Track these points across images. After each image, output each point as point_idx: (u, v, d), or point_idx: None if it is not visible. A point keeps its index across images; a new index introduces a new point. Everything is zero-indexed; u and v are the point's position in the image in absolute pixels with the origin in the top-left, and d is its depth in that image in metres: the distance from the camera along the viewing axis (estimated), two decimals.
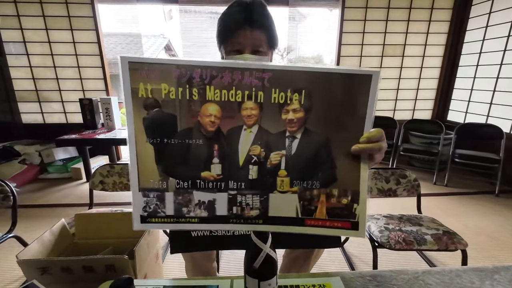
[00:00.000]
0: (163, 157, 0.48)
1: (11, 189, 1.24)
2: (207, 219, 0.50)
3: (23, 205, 2.06)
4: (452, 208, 2.11)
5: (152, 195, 0.49)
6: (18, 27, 2.77)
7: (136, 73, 0.44)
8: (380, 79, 0.47)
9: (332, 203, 0.50)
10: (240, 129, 0.47)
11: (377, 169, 1.37)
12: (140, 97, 0.45)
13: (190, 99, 0.45)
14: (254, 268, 0.49)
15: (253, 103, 0.46)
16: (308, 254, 0.91)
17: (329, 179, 0.49)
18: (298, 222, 0.50)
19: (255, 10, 0.72)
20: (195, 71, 0.44)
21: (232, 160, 0.48)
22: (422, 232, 1.15)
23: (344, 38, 3.01)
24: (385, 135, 0.51)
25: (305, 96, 0.45)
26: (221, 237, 0.79)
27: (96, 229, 1.07)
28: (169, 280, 0.66)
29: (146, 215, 0.50)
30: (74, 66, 2.93)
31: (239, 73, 0.44)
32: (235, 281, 0.64)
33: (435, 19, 2.97)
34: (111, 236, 1.08)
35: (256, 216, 0.50)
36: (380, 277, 0.69)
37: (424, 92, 3.23)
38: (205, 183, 0.49)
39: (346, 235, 0.51)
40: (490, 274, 0.71)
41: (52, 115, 3.06)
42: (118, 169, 1.40)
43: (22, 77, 2.90)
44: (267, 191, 0.49)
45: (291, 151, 0.48)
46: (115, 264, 0.80)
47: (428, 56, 3.10)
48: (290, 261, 0.95)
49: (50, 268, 0.81)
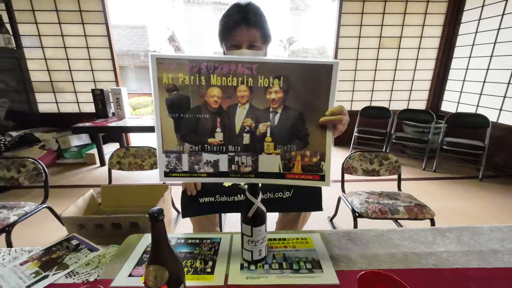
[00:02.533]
0: (180, 127, 0.64)
1: (43, 167, 1.44)
2: (213, 174, 0.67)
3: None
4: (436, 191, 2.28)
5: (172, 156, 0.66)
6: (33, 21, 2.93)
7: (161, 66, 0.61)
8: (339, 70, 0.62)
9: (306, 161, 0.66)
10: (236, 106, 0.63)
11: (362, 152, 1.53)
12: (164, 83, 0.62)
13: (199, 84, 0.62)
14: (248, 217, 0.65)
15: (245, 86, 0.62)
16: (296, 218, 1.08)
17: (303, 144, 0.65)
18: (280, 176, 0.67)
19: (250, 11, 0.87)
20: (203, 64, 0.60)
21: (230, 129, 0.64)
22: (397, 204, 1.32)
23: (342, 31, 3.12)
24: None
25: (283, 81, 0.61)
26: (224, 202, 0.97)
27: (118, 199, 1.27)
28: (182, 234, 0.82)
29: (168, 171, 0.67)
30: (86, 58, 3.11)
31: (234, 65, 0.60)
32: (234, 235, 0.79)
33: (431, 12, 3.07)
34: (130, 205, 1.27)
35: (249, 171, 0.67)
36: (353, 233, 0.82)
37: (419, 83, 3.35)
38: (211, 147, 0.65)
39: (315, 185, 0.67)
40: (443, 232, 0.82)
41: (65, 104, 3.26)
42: (133, 151, 1.59)
43: (38, 69, 3.09)
44: (257, 153, 0.66)
45: (274, 123, 0.64)
46: (138, 221, 1.00)
47: (424, 48, 3.20)
48: (282, 226, 1.13)
49: (86, 225, 1.00)
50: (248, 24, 0.86)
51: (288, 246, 0.76)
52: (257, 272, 0.65)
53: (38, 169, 1.42)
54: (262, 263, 0.68)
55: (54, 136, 2.86)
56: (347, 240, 0.79)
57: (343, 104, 3.35)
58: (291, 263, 0.68)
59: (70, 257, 0.71)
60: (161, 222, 0.48)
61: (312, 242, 0.78)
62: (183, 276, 0.51)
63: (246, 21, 0.86)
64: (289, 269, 0.66)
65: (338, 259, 0.70)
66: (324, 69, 0.61)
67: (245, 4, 0.89)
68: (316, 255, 0.71)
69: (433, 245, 0.77)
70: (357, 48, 3.19)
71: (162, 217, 0.48)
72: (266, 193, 0.95)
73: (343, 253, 0.73)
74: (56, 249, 0.74)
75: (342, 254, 0.72)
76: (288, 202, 0.98)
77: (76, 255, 0.72)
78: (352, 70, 3.28)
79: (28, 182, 1.43)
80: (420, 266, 0.68)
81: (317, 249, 0.74)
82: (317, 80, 0.61)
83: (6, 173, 1.42)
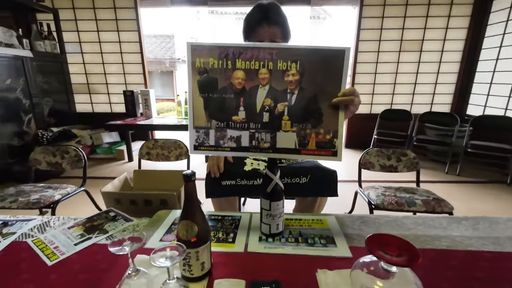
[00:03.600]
0: (208, 106, 0.74)
1: (83, 154, 1.60)
2: (235, 148, 0.75)
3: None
4: (459, 194, 2.21)
5: (201, 131, 0.75)
6: (75, 29, 3.26)
7: (194, 52, 0.71)
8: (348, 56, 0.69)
9: (320, 138, 0.72)
10: (257, 87, 0.71)
11: (380, 149, 1.55)
12: (197, 67, 0.72)
13: (226, 68, 0.71)
14: (267, 192, 0.72)
15: (266, 70, 0.70)
16: (312, 204, 1.13)
17: (317, 122, 0.72)
18: (296, 151, 0.74)
19: (270, 11, 0.97)
20: (230, 50, 0.70)
21: (252, 108, 0.73)
22: (414, 198, 1.33)
23: (362, 35, 3.16)
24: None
25: (300, 65, 0.69)
26: (244, 186, 1.05)
27: (148, 182, 1.39)
28: (206, 212, 0.89)
29: (197, 144, 0.76)
30: (119, 62, 3.38)
31: (257, 50, 0.69)
32: (253, 214, 0.87)
33: (454, 15, 3.03)
34: (159, 188, 1.39)
35: (268, 147, 0.74)
36: (366, 217, 0.84)
37: (442, 87, 3.28)
38: (235, 124, 0.74)
39: (328, 159, 0.73)
40: (459, 220, 0.81)
41: (99, 105, 3.54)
42: (161, 143, 1.72)
43: (77, 72, 3.40)
44: (275, 130, 0.73)
45: (291, 103, 0.72)
46: (167, 199, 1.10)
47: (447, 51, 3.15)
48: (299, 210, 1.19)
49: (122, 200, 1.12)
50: (269, 23, 0.95)
51: (304, 225, 0.81)
52: (274, 244, 0.71)
53: (79, 156, 1.59)
54: (279, 237, 0.74)
55: (88, 133, 3.12)
56: (361, 223, 0.82)
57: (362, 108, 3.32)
58: (306, 238, 0.73)
59: (109, 224, 0.82)
60: (193, 182, 0.56)
61: (327, 223, 0.82)
62: (209, 235, 0.58)
63: (267, 19, 0.95)
64: (304, 243, 0.71)
65: (351, 237, 0.74)
66: (337, 54, 0.67)
67: (267, 4, 0.99)
68: (330, 233, 0.76)
69: (447, 230, 0.77)
70: (377, 51, 3.20)
71: (194, 178, 0.56)
72: (283, 178, 1.00)
73: (356, 232, 0.76)
74: (96, 218, 0.86)
75: (355, 233, 0.76)
76: (305, 187, 1.03)
77: (114, 224, 0.83)
78: (372, 73, 3.29)
79: (70, 167, 1.61)
80: (433, 247, 0.69)
81: (332, 229, 0.78)
82: (331, 64, 0.68)
83: (52, 159, 1.60)
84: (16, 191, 1.45)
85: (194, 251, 0.54)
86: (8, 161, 2.50)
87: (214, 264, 0.62)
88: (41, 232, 0.77)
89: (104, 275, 0.59)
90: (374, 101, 3.39)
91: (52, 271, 0.61)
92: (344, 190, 0.92)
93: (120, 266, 0.61)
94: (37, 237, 0.74)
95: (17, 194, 1.41)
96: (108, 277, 0.58)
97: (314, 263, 0.62)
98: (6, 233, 0.76)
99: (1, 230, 0.78)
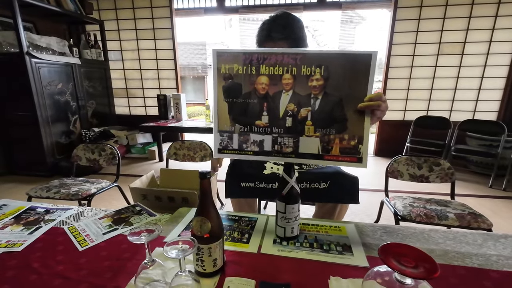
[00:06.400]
0: (232, 110, 0.75)
1: (117, 152, 1.74)
2: (258, 152, 0.75)
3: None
4: (504, 211, 1.99)
5: (225, 135, 0.76)
6: (118, 38, 3.55)
7: (220, 58, 0.73)
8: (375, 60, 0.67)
9: (344, 144, 0.70)
10: (281, 93, 0.71)
11: (410, 157, 1.47)
12: (222, 73, 0.74)
13: (250, 73, 0.72)
14: (282, 195, 0.72)
15: (289, 75, 0.70)
16: (332, 211, 1.11)
17: (342, 128, 0.70)
18: (319, 157, 0.72)
19: (274, 29, 0.96)
20: (254, 56, 0.71)
21: (275, 113, 0.72)
22: (446, 211, 1.23)
23: (396, 38, 3.02)
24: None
25: (324, 70, 0.68)
26: (262, 189, 1.06)
27: (173, 181, 1.46)
28: (224, 211, 0.93)
29: (221, 148, 0.77)
30: (154, 68, 3.60)
31: (281, 56, 0.69)
32: (270, 217, 0.87)
33: (502, 14, 2.77)
34: (183, 187, 1.45)
35: (290, 152, 0.74)
36: (390, 228, 0.79)
37: (487, 92, 3.00)
38: (258, 128, 0.74)
39: (352, 166, 0.70)
40: (497, 237, 0.74)
41: (135, 108, 3.80)
42: (188, 144, 1.80)
43: (117, 78, 3.69)
44: (298, 135, 0.72)
45: (315, 108, 0.70)
46: (188, 197, 1.15)
47: (493, 53, 2.88)
48: (319, 216, 1.17)
49: (148, 195, 1.19)
50: (274, 41, 0.97)
51: (321, 231, 0.78)
52: (288, 247, 0.70)
53: (114, 154, 1.73)
54: (293, 241, 0.73)
55: (125, 134, 3.36)
56: (383, 233, 0.77)
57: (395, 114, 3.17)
58: (321, 244, 0.71)
59: (134, 218, 0.88)
60: (208, 180, 0.58)
61: (345, 230, 0.79)
62: (223, 233, 0.60)
63: (271, 38, 0.97)
64: (319, 249, 0.69)
65: (370, 246, 0.70)
66: (363, 59, 0.65)
67: (272, 20, 0.99)
68: (348, 241, 0.73)
69: (482, 248, 0.70)
70: (412, 55, 3.03)
71: (209, 176, 0.58)
72: (302, 183, 0.99)
73: (377, 242, 0.72)
74: (124, 211, 0.92)
75: (375, 243, 0.71)
76: (324, 193, 1.01)
77: (139, 217, 0.88)
78: (406, 78, 3.12)
79: (106, 163, 1.75)
80: (463, 264, 0.63)
81: (350, 237, 0.75)
82: (356, 69, 0.66)
83: (91, 155, 1.75)
84: (60, 184, 1.62)
85: (206, 247, 0.56)
86: (56, 157, 2.79)
87: (227, 262, 0.63)
88: (76, 220, 0.85)
89: (126, 264, 0.63)
90: (408, 107, 3.20)
91: (82, 256, 0.67)
92: (370, 200, 0.88)
93: (141, 256, 0.66)
94: (72, 225, 0.82)
95: (60, 186, 1.57)
96: (130, 265, 0.63)
97: (328, 270, 0.61)
98: (48, 219, 0.86)
99: (44, 217, 0.87)
